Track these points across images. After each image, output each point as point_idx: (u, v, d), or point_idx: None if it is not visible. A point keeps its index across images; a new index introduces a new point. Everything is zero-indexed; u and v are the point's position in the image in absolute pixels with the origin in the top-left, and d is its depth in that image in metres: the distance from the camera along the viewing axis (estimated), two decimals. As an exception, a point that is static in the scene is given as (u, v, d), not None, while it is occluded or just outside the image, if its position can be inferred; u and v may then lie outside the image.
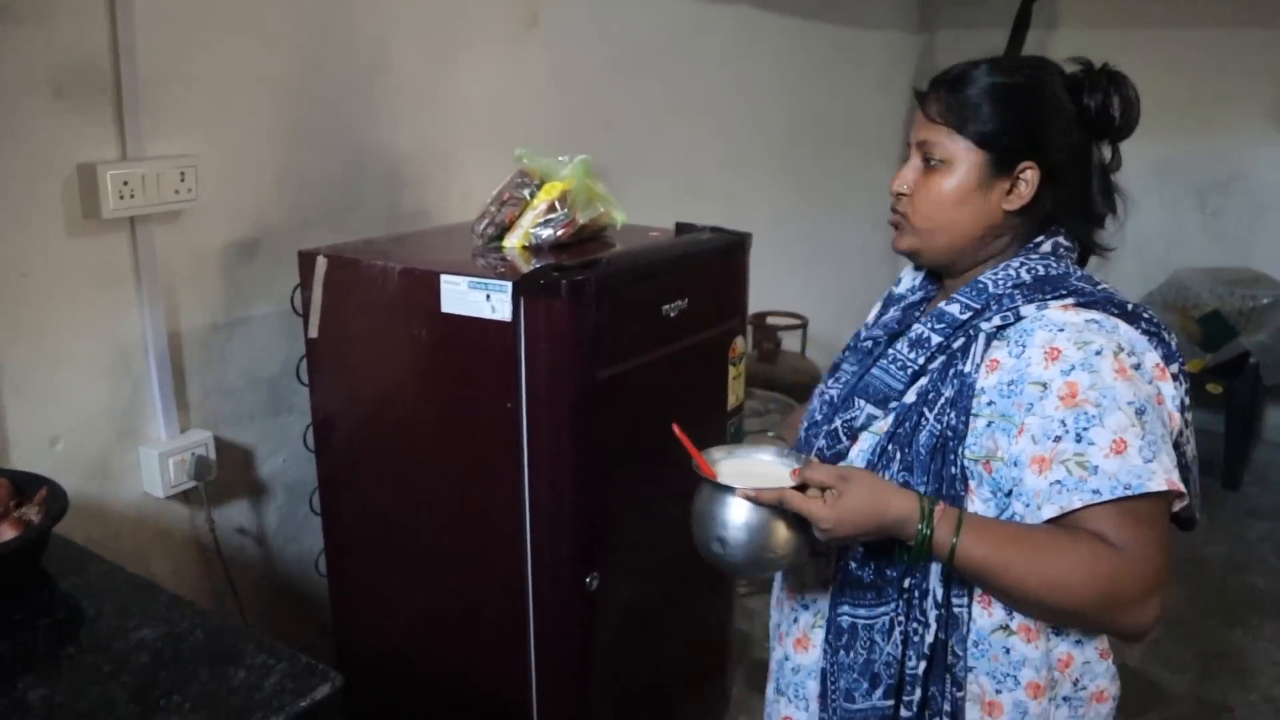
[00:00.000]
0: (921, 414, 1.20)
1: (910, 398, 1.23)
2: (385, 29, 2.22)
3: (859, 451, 1.26)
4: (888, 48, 4.81)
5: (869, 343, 1.34)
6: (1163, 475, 1.07)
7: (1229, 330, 4.20)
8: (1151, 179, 4.43)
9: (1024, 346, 1.15)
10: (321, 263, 1.76)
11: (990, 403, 1.15)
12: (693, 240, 1.87)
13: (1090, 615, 1.11)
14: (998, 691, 1.18)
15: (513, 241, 1.79)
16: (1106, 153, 1.26)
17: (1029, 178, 1.20)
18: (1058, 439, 1.09)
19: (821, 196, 4.38)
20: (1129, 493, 1.06)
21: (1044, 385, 1.11)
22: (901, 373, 1.24)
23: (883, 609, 1.21)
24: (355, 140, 2.19)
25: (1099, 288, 1.20)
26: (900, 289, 1.41)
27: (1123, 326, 1.15)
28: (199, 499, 1.95)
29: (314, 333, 1.82)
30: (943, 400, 1.18)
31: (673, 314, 1.74)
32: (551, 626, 1.69)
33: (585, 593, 1.67)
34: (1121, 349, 1.12)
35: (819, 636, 1.30)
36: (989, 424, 1.15)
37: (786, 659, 1.35)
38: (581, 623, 1.70)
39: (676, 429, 1.27)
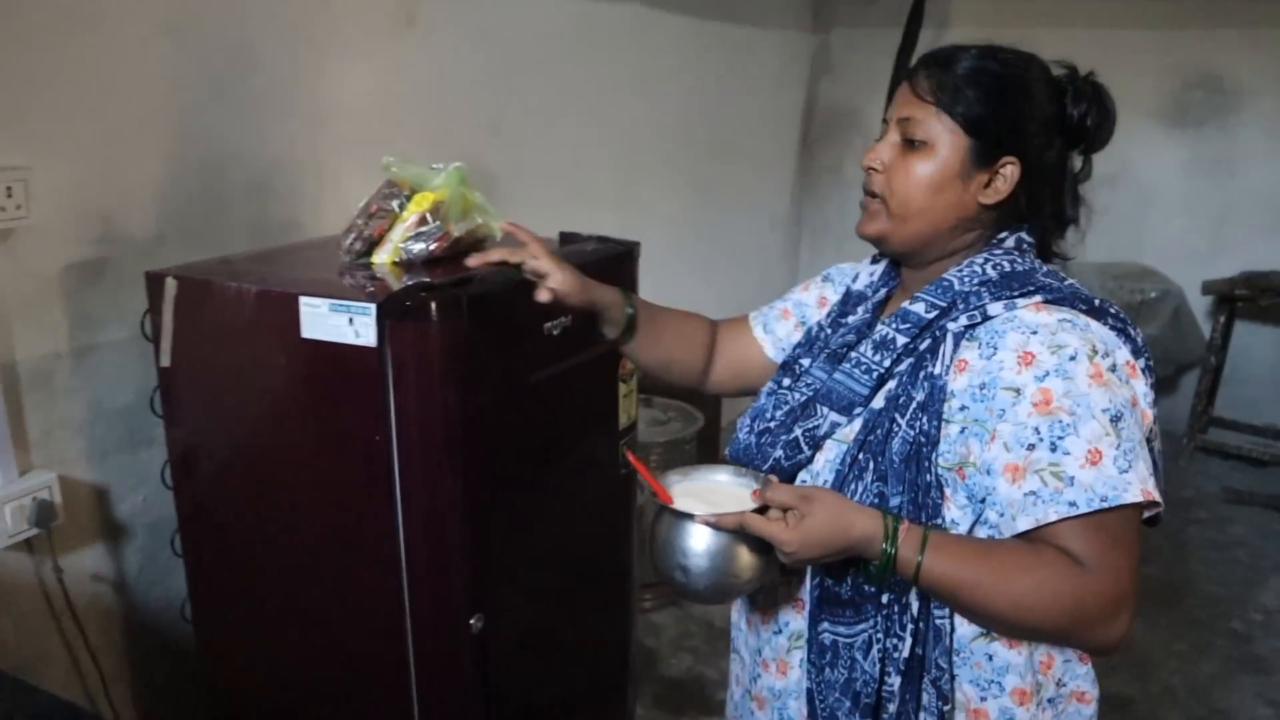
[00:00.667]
0: (893, 420, 1.15)
1: (878, 403, 1.18)
2: (245, 27, 2.06)
3: (826, 462, 1.21)
4: (782, 47, 4.79)
5: (841, 346, 1.27)
6: (1138, 486, 1.05)
7: (1120, 323, 4.27)
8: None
9: (995, 348, 1.11)
10: (171, 285, 1.61)
11: (963, 408, 1.12)
12: (576, 251, 1.77)
13: (1056, 633, 1.10)
14: (982, 699, 1.17)
15: (382, 258, 1.66)
16: (1077, 162, 1.24)
17: (1008, 173, 1.17)
18: (1031, 447, 1.06)
19: (719, 198, 4.32)
20: (1105, 505, 1.03)
21: (1017, 391, 1.08)
22: (866, 376, 1.19)
23: (861, 626, 1.17)
24: (215, 148, 2.03)
25: (1065, 283, 1.17)
26: (859, 285, 1.35)
27: (1093, 325, 1.12)
28: (44, 547, 1.78)
29: (166, 361, 1.66)
30: (914, 405, 1.14)
31: (555, 331, 1.63)
32: (434, 673, 1.57)
33: (469, 635, 1.55)
34: (1095, 351, 1.09)
35: (798, 658, 1.26)
36: (962, 430, 1.12)
37: (757, 680, 1.33)
38: (467, 667, 1.58)
39: (631, 456, 1.24)
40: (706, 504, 1.14)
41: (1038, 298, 1.14)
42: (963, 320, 1.14)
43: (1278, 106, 4.42)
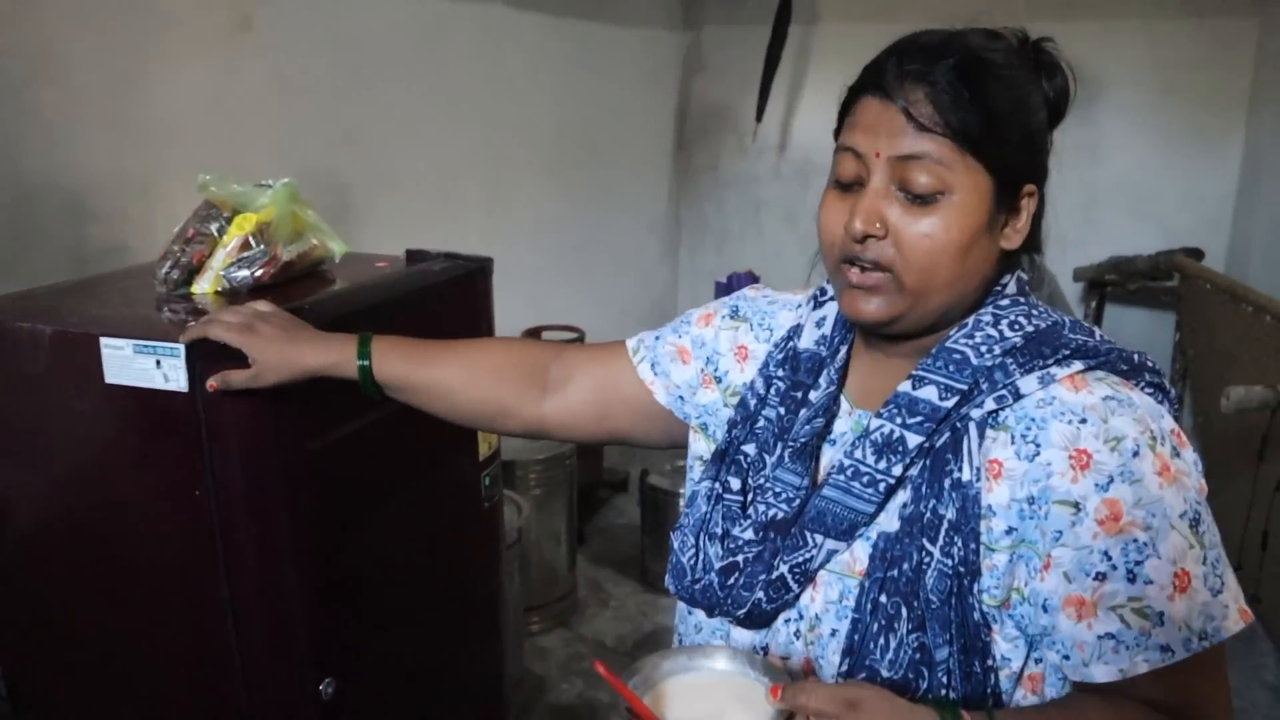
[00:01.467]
0: (921, 548, 0.89)
1: (891, 523, 0.92)
2: (49, 32, 1.86)
3: (827, 603, 0.95)
4: (652, 45, 4.71)
5: (809, 436, 0.98)
6: (1235, 609, 0.85)
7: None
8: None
9: (1037, 446, 0.87)
10: (-45, 327, 1.42)
11: (1010, 530, 0.87)
12: (422, 272, 1.63)
13: None
14: None
15: (203, 287, 1.49)
16: None
17: (1027, 205, 0.93)
18: (1102, 577, 0.84)
19: (594, 201, 4.22)
20: (1205, 644, 0.83)
21: (1076, 506, 0.84)
22: (871, 490, 0.91)
23: None
24: (20, 168, 1.83)
25: (1098, 338, 0.93)
26: (807, 343, 1.03)
27: (1134, 396, 0.88)
28: None
29: (-44, 413, 1.47)
30: (945, 526, 0.88)
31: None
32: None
33: (320, 703, 1.40)
34: (1155, 438, 0.85)
35: None
36: (1010, 559, 0.88)
37: None
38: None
39: (601, 669, 0.91)
40: (707, 715, 0.87)
41: (1077, 365, 0.89)
42: (989, 404, 0.89)
43: (1134, 95, 4.52)
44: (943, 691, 0.88)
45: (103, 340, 1.29)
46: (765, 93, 4.54)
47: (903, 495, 0.92)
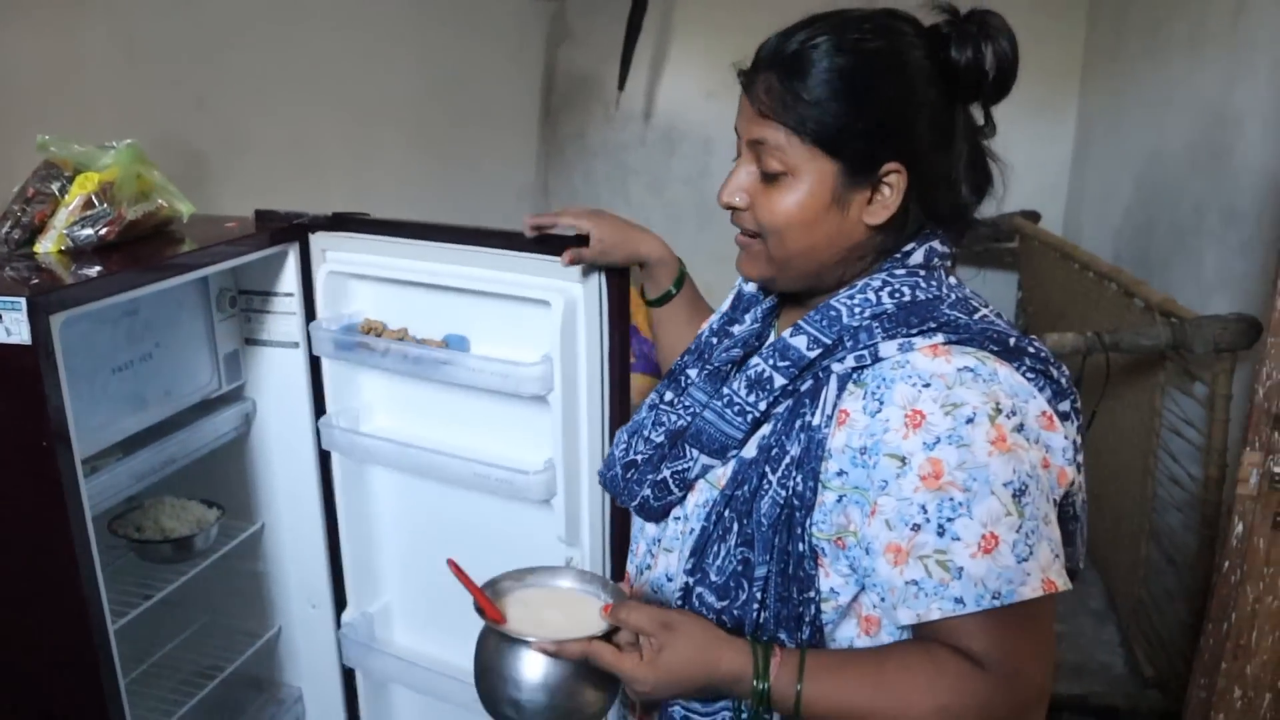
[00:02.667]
0: (763, 475, 1.00)
1: (750, 451, 1.04)
2: None
3: (695, 506, 1.09)
4: (517, 13, 4.72)
5: (724, 363, 1.11)
6: (1038, 576, 0.91)
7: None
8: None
9: (881, 403, 0.95)
10: None
11: (841, 472, 0.97)
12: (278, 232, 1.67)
13: None
14: None
15: (46, 246, 1.51)
16: (977, 116, 1.06)
17: (894, 182, 0.99)
18: (916, 527, 0.92)
19: (460, 169, 4.24)
20: (998, 603, 0.90)
21: (903, 460, 0.93)
22: (740, 419, 1.04)
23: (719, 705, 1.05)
24: None
25: (977, 317, 1.00)
26: (750, 286, 1.20)
27: (1002, 372, 0.95)
28: None
29: None
30: (787, 460, 0.99)
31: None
32: None
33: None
34: (999, 409, 0.93)
35: None
36: (840, 498, 0.97)
37: None
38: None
39: (453, 566, 1.03)
40: (544, 621, 1.00)
41: (939, 338, 0.97)
42: (850, 361, 0.98)
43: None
44: (756, 606, 1.00)
45: (-60, 298, 1.29)
46: (627, 62, 4.61)
47: (766, 429, 1.03)
